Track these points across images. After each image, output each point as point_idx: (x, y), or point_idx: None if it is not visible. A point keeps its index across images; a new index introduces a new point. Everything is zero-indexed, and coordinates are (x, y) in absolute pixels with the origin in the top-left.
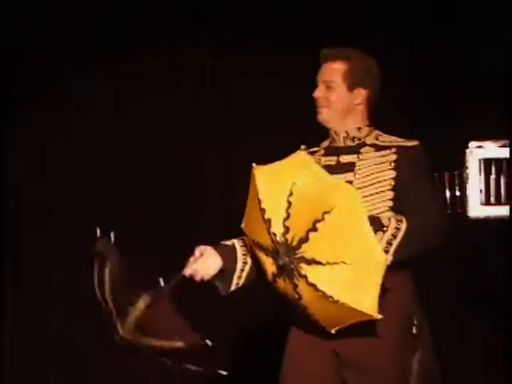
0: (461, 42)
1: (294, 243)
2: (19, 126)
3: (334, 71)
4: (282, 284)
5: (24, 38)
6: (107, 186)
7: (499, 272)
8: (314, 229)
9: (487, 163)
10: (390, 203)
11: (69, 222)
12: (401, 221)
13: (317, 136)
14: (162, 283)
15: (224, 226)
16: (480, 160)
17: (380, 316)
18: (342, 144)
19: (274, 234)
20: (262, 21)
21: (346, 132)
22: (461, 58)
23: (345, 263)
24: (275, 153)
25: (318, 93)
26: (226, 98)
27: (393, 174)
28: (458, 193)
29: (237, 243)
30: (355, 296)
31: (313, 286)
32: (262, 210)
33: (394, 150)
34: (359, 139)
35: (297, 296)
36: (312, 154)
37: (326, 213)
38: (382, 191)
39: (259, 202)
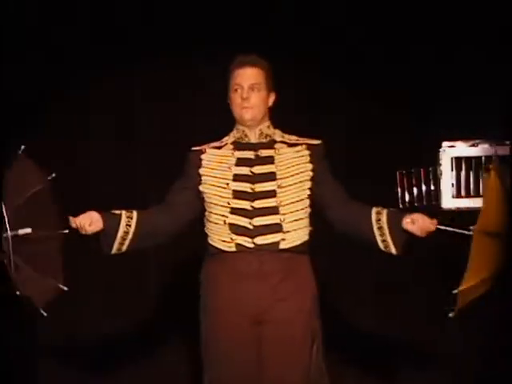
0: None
1: None
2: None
3: (257, 75)
4: None
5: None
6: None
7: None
8: None
9: (458, 161)
10: (309, 192)
11: None
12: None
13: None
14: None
15: None
16: (452, 158)
17: None
18: (255, 140)
19: None
20: None
21: (260, 130)
22: (439, 62)
23: None
24: None
25: (246, 94)
26: None
27: (310, 166)
28: (432, 187)
29: (124, 214)
30: None
31: None
32: None
33: (304, 146)
34: (270, 136)
35: None
36: (219, 148)
37: None
38: (301, 181)
39: None
